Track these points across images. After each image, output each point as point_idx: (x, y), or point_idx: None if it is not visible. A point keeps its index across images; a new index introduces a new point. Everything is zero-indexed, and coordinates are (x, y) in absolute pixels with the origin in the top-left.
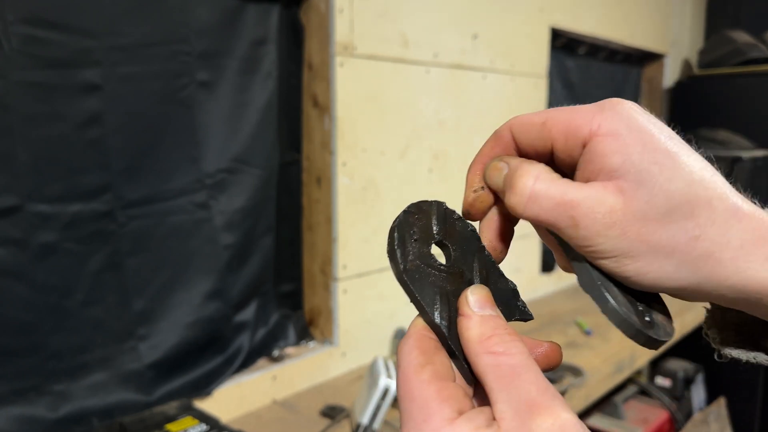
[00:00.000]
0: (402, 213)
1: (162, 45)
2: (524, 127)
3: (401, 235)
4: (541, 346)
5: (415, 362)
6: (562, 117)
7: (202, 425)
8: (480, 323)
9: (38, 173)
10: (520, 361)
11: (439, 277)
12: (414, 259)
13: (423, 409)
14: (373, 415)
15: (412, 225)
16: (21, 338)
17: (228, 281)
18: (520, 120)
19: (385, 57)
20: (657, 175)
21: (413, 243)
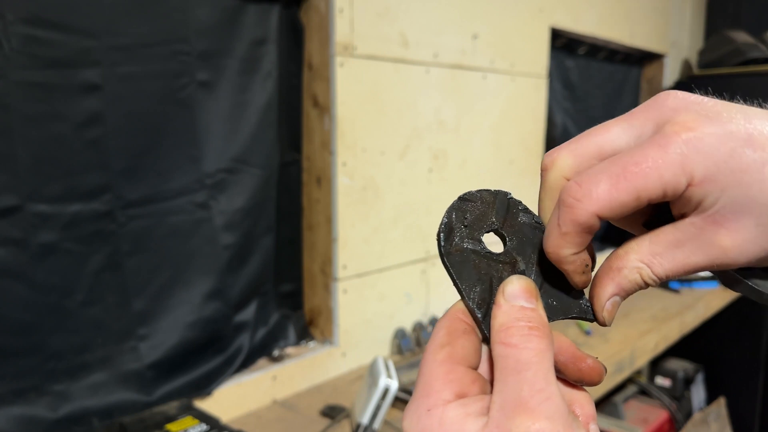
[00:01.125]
0: (458, 198)
1: (162, 45)
2: (616, 210)
3: (449, 219)
4: (585, 360)
5: (437, 341)
6: (651, 183)
7: (203, 425)
8: (505, 312)
9: (38, 173)
10: (529, 357)
11: (487, 264)
12: (460, 243)
13: (426, 385)
14: (373, 415)
15: (465, 211)
16: (21, 338)
17: (228, 281)
18: (607, 205)
19: (385, 57)
20: (758, 193)
21: (463, 228)
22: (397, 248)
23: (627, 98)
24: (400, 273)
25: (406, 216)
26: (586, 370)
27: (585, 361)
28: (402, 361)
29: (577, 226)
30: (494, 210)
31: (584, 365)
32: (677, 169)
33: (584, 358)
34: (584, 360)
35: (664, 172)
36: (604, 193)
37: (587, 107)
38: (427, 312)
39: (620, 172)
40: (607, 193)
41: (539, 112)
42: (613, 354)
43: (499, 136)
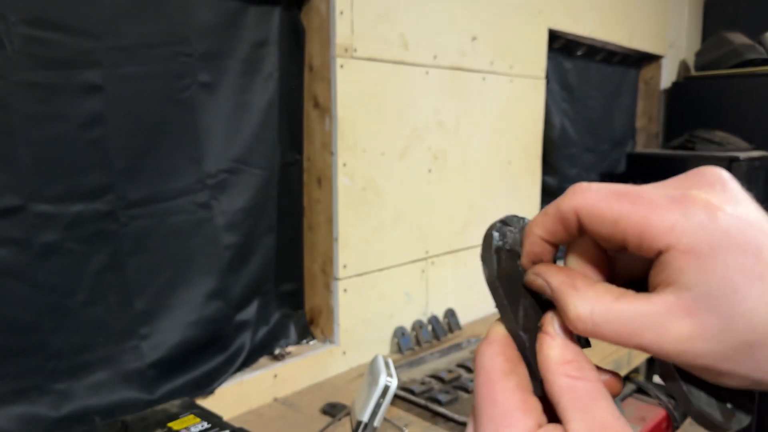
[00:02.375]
0: (499, 221)
1: (163, 46)
2: (594, 218)
3: (497, 240)
4: (604, 374)
5: (500, 368)
6: (637, 218)
7: (204, 423)
8: (563, 345)
9: (40, 173)
10: (596, 387)
11: (523, 289)
12: (506, 266)
13: (506, 416)
14: (373, 413)
15: (505, 234)
16: (23, 338)
17: (229, 281)
18: (588, 208)
19: (385, 59)
20: (735, 304)
21: (506, 251)
22: (396, 248)
23: (625, 99)
24: (400, 272)
25: (406, 216)
26: (609, 385)
27: (604, 375)
28: (402, 360)
29: (556, 212)
30: (521, 235)
31: (606, 380)
32: (668, 225)
33: (602, 372)
34: (604, 374)
35: (655, 217)
36: (593, 198)
37: (585, 108)
38: (427, 311)
39: (621, 194)
40: (594, 199)
41: (538, 113)
42: (611, 353)
43: (498, 137)
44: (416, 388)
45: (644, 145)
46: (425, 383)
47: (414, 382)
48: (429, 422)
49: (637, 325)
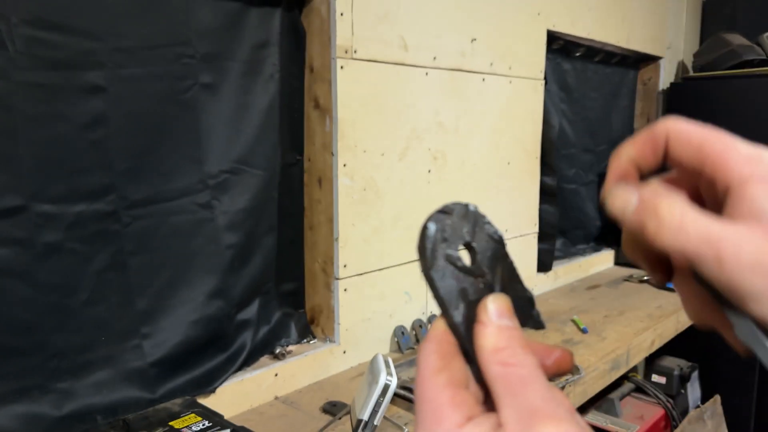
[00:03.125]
0: (435, 211)
1: (165, 47)
2: (682, 141)
3: (432, 232)
4: (553, 352)
5: (432, 366)
6: (719, 147)
7: (205, 422)
8: (496, 333)
9: (42, 174)
10: (529, 372)
11: (462, 279)
12: (441, 257)
13: (436, 412)
14: (373, 411)
15: (444, 224)
16: (25, 337)
17: (230, 280)
18: (678, 129)
19: (385, 60)
20: None
21: (443, 242)
22: (396, 248)
23: (623, 100)
24: (400, 272)
25: (406, 216)
26: (559, 362)
27: (554, 352)
28: (402, 359)
29: (649, 133)
30: (465, 222)
31: (556, 357)
32: (747, 154)
33: (552, 350)
34: (554, 352)
35: (736, 147)
36: (684, 124)
37: (584, 109)
38: (427, 310)
39: (707, 127)
40: (685, 124)
41: (536, 114)
42: (610, 352)
43: (497, 138)
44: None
45: None
46: None
47: (414, 381)
48: None
49: (718, 238)
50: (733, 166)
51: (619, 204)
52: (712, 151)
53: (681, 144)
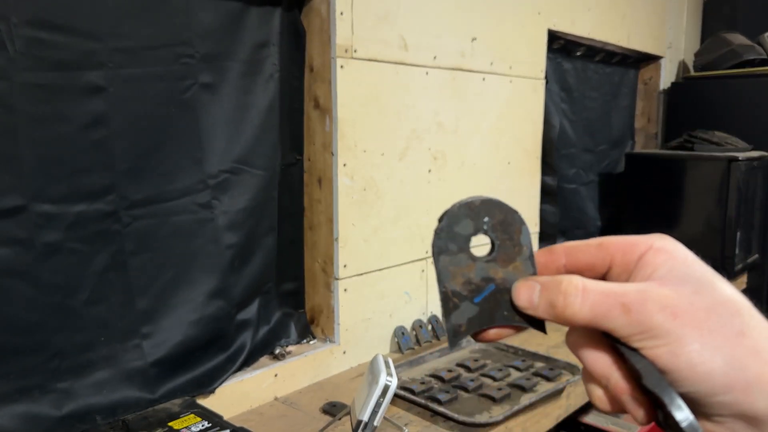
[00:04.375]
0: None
1: (165, 47)
2: (580, 247)
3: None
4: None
5: None
6: (618, 239)
7: (205, 422)
8: None
9: (42, 174)
10: None
11: None
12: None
13: None
14: (373, 412)
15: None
16: (25, 337)
17: (231, 280)
18: (574, 244)
19: (385, 59)
20: (700, 281)
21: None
22: (396, 248)
23: (624, 100)
24: (400, 272)
25: (406, 216)
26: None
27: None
28: (402, 359)
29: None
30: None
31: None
32: (645, 238)
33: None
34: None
35: (635, 237)
36: (573, 242)
37: (584, 109)
38: (427, 311)
39: None
40: (578, 242)
41: (537, 113)
42: None
43: (498, 138)
44: (416, 387)
45: (643, 146)
46: (425, 382)
47: (414, 382)
48: (429, 421)
49: (622, 293)
50: (637, 242)
51: (525, 295)
52: (612, 243)
53: (581, 250)
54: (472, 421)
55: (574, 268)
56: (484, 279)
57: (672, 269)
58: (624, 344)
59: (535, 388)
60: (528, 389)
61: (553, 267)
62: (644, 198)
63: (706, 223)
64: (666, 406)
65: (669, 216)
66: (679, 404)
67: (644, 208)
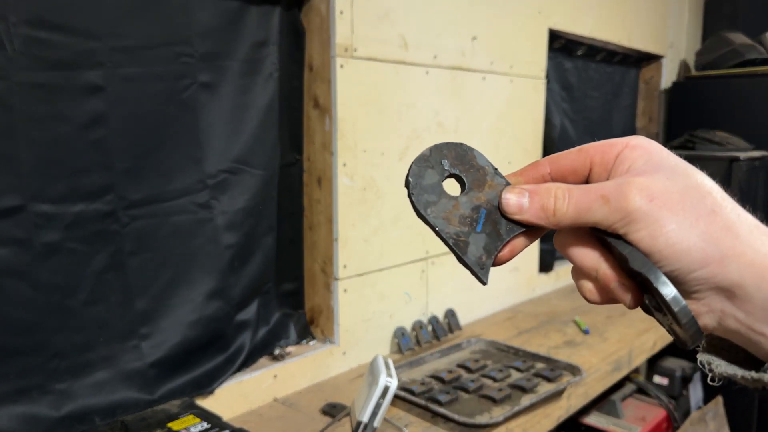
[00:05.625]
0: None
1: (164, 47)
2: (562, 155)
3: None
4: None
5: None
6: (596, 143)
7: (204, 423)
8: None
9: (41, 173)
10: None
11: None
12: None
13: None
14: (373, 413)
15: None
16: (24, 337)
17: (230, 281)
18: (557, 153)
19: (385, 59)
20: (674, 169)
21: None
22: (396, 248)
23: (625, 99)
24: (400, 272)
25: (406, 216)
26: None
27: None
28: (402, 360)
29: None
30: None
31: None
32: (623, 139)
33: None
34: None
35: (607, 141)
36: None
37: (585, 108)
38: (427, 311)
39: None
40: (560, 152)
41: (538, 113)
42: (612, 353)
43: (498, 137)
44: (416, 388)
45: None
46: (425, 383)
47: (414, 383)
48: (429, 422)
49: (601, 188)
50: (614, 143)
51: (514, 201)
52: (591, 147)
53: (563, 157)
54: (473, 422)
55: (558, 174)
56: (474, 208)
57: (647, 162)
58: (608, 234)
59: (536, 389)
60: (528, 390)
61: (538, 176)
62: None
63: None
64: (651, 284)
65: None
66: (664, 281)
67: None
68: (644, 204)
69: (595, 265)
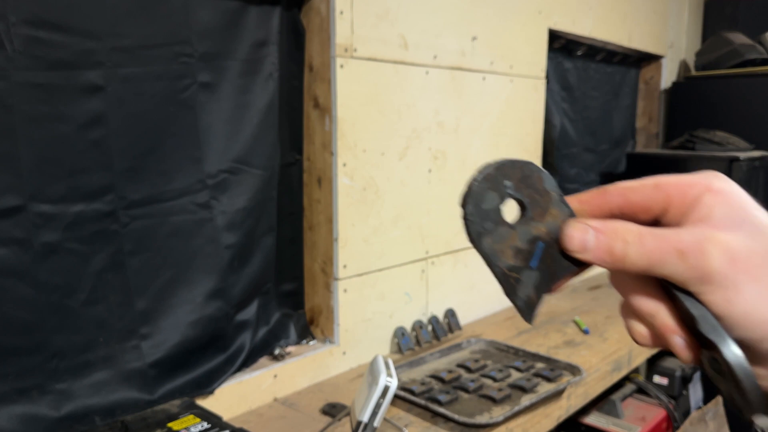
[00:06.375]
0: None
1: (164, 46)
2: (635, 188)
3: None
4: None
5: None
6: (674, 179)
7: (204, 423)
8: None
9: (41, 173)
10: None
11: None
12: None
13: None
14: (373, 413)
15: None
16: (24, 337)
17: (230, 280)
18: (629, 183)
19: (385, 59)
20: (758, 226)
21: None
22: (396, 248)
23: (625, 99)
24: (400, 272)
25: (406, 216)
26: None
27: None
28: (402, 360)
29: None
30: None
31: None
32: (702, 178)
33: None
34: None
35: (691, 176)
36: (627, 181)
37: (585, 108)
38: (427, 311)
39: None
40: (632, 181)
41: (538, 113)
42: (611, 353)
43: (498, 137)
44: (416, 388)
45: (644, 145)
46: (425, 383)
47: (414, 382)
48: (429, 422)
49: (677, 239)
50: (695, 182)
51: (578, 239)
52: (668, 183)
53: (637, 190)
54: (473, 422)
55: (629, 210)
56: (531, 240)
57: (728, 212)
58: (678, 288)
59: (536, 388)
60: (528, 390)
61: (606, 208)
62: None
63: None
64: (718, 349)
65: None
66: (733, 349)
67: None
68: (724, 266)
69: (652, 311)
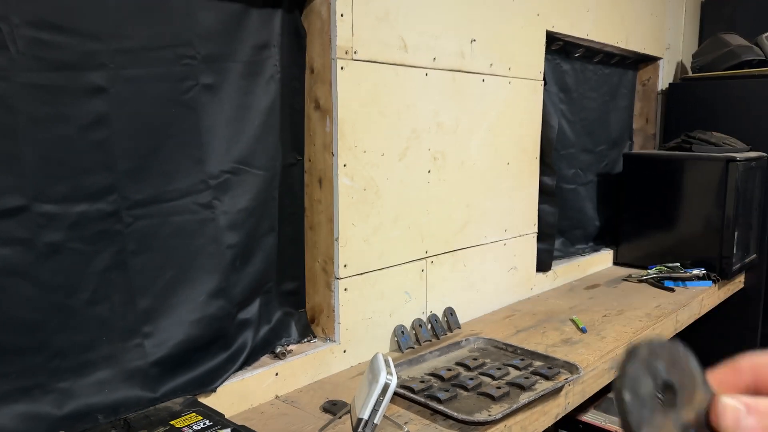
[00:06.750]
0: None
1: (167, 48)
2: None
3: None
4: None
5: None
6: None
7: (206, 421)
8: None
9: (44, 174)
10: None
11: None
12: None
13: None
14: (373, 410)
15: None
16: (26, 336)
17: (232, 280)
18: (761, 359)
19: (385, 60)
20: None
21: None
22: (396, 248)
23: (622, 101)
24: (400, 272)
25: (406, 216)
26: None
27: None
28: (401, 358)
29: None
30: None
31: None
32: None
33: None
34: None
35: None
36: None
37: (583, 109)
38: (426, 310)
39: None
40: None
41: (536, 114)
42: (609, 351)
43: (497, 138)
44: (416, 386)
45: (641, 146)
46: (425, 381)
47: (414, 380)
48: (428, 420)
49: None
50: None
51: (732, 418)
52: None
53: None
54: (472, 419)
55: (764, 386)
56: (683, 427)
57: None
58: None
59: (534, 386)
60: (527, 388)
61: (741, 385)
62: (643, 198)
63: (704, 223)
64: None
65: (667, 216)
66: None
67: (643, 208)
68: None
69: None
